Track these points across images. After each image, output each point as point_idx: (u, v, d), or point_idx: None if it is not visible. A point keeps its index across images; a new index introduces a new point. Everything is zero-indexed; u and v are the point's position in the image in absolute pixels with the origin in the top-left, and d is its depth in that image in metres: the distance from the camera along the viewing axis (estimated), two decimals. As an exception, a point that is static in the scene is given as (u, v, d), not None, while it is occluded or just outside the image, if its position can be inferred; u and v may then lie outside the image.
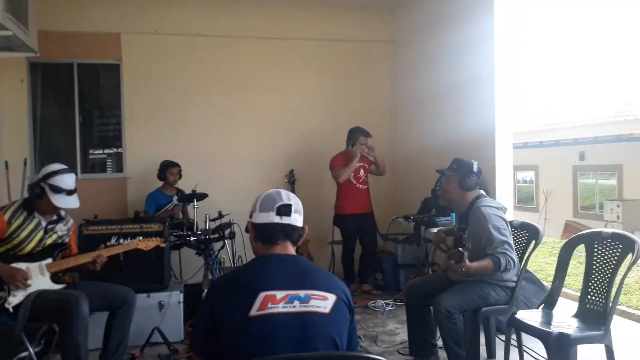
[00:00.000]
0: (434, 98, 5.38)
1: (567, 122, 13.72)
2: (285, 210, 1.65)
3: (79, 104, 5.59)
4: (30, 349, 2.95)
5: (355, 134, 5.03)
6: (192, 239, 4.27)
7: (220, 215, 4.70)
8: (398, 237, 5.20)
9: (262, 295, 1.47)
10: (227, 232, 4.51)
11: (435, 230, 3.91)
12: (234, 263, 4.78)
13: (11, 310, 2.82)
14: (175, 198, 5.06)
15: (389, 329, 4.11)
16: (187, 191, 4.87)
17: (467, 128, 4.71)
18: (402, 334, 3.89)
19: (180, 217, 5.11)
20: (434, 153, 5.20)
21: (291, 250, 1.67)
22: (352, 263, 5.15)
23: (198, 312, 1.60)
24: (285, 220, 1.64)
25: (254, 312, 1.45)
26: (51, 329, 3.39)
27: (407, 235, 5.08)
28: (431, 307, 3.14)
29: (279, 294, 1.48)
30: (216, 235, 4.41)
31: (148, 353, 3.57)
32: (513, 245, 3.07)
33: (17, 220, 2.94)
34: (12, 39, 4.08)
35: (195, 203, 4.50)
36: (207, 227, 4.42)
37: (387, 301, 4.69)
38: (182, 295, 3.90)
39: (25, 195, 3.13)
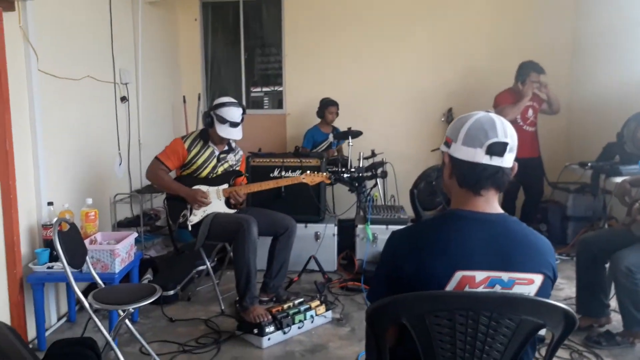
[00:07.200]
0: (628, 30, 4.54)
1: None
2: (499, 149, 1.28)
3: (244, 41, 5.89)
4: (208, 263, 3.36)
5: (526, 70, 4.47)
6: (345, 175, 4.34)
7: (374, 154, 4.69)
8: (570, 186, 4.68)
9: (459, 275, 1.26)
10: (379, 171, 4.49)
11: (618, 179, 3.40)
12: (385, 202, 4.78)
13: (189, 228, 3.18)
14: (331, 136, 5.16)
15: (552, 283, 3.80)
16: (342, 129, 4.92)
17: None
18: (567, 290, 3.58)
19: (335, 154, 5.21)
20: (623, 92, 4.45)
21: (495, 202, 1.36)
22: (514, 211, 4.79)
23: (379, 263, 1.45)
24: (495, 161, 1.29)
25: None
26: (224, 247, 3.80)
27: (582, 185, 4.55)
28: (607, 265, 2.83)
29: (479, 276, 1.26)
30: (369, 174, 4.44)
31: (305, 279, 3.79)
32: None
33: (195, 147, 3.25)
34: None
35: (350, 140, 4.53)
36: (361, 165, 4.46)
37: (552, 254, 4.32)
38: (336, 228, 4.04)
39: (200, 127, 3.42)
